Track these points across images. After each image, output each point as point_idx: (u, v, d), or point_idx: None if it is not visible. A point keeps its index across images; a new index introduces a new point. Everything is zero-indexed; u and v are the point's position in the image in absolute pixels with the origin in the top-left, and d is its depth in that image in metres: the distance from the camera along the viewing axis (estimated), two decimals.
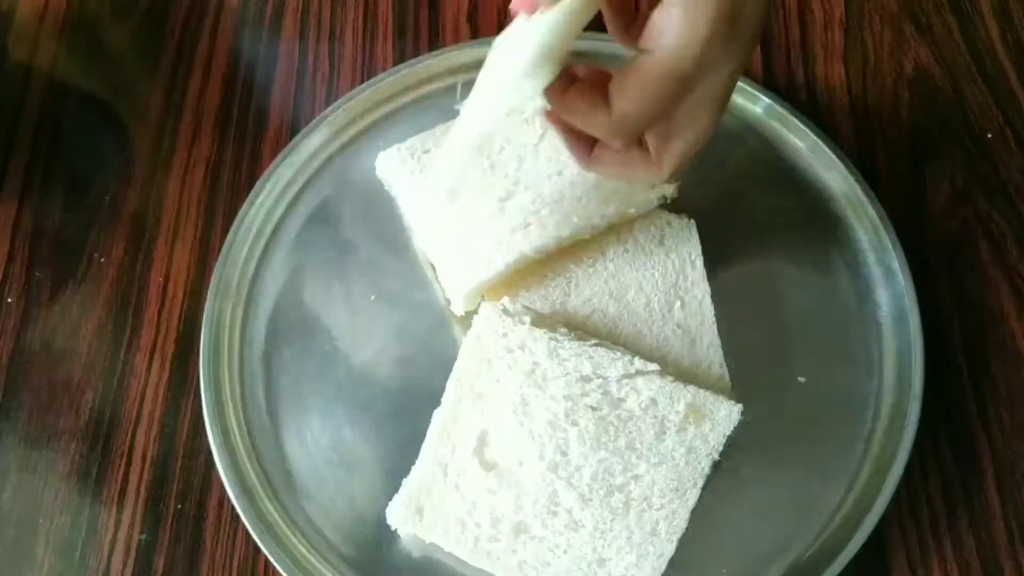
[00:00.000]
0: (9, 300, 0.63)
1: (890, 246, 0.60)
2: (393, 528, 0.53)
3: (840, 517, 0.54)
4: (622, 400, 0.54)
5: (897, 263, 0.59)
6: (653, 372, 0.54)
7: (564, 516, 0.52)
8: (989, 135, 0.67)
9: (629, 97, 0.41)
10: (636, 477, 0.53)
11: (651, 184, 0.58)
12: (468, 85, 0.46)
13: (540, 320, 0.56)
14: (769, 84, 0.69)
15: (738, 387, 0.57)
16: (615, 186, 0.58)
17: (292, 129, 0.68)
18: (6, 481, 0.58)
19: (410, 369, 0.59)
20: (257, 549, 0.54)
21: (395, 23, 0.73)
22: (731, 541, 0.54)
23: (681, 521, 0.52)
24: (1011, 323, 0.61)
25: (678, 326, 0.58)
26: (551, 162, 0.59)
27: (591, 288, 0.59)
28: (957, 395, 0.59)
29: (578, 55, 0.61)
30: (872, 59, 0.70)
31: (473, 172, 0.58)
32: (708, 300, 0.58)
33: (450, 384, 0.55)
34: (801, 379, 0.58)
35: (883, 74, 0.70)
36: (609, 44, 0.60)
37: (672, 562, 0.52)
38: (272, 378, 0.59)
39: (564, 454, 0.53)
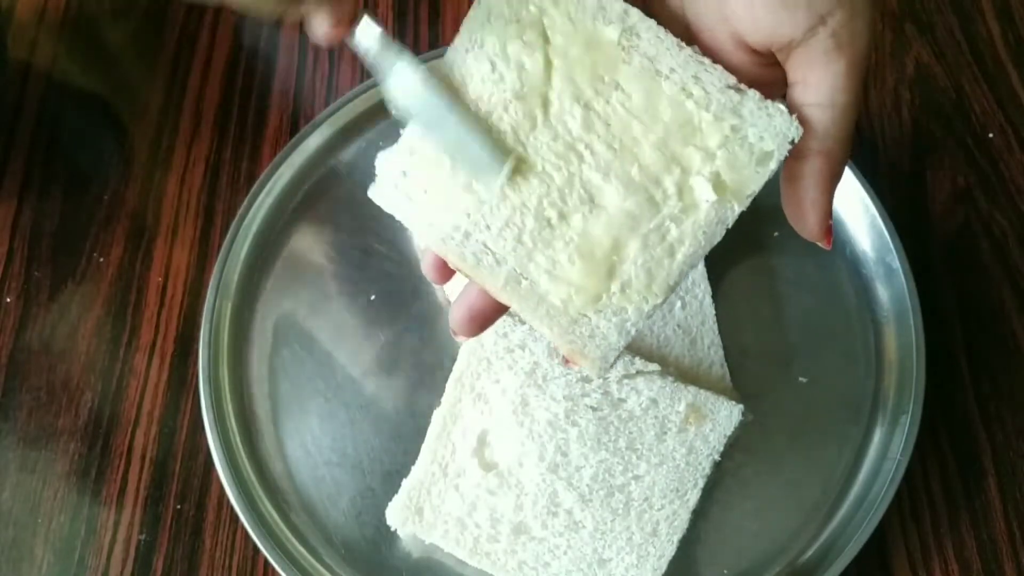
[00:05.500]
0: (8, 299, 0.63)
1: (891, 245, 0.59)
2: (393, 528, 0.53)
3: (841, 517, 0.54)
4: (622, 400, 0.53)
5: (898, 262, 0.59)
6: (654, 372, 0.54)
7: (564, 517, 0.52)
8: (990, 134, 0.67)
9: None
10: (637, 477, 0.52)
11: None
12: None
13: None
14: None
15: (739, 387, 0.57)
16: None
17: (292, 128, 0.68)
18: (5, 481, 0.57)
19: (410, 369, 0.59)
20: (256, 549, 0.54)
21: (395, 21, 0.73)
22: (732, 541, 0.54)
23: (682, 522, 0.52)
24: (1012, 322, 0.61)
25: (679, 326, 0.58)
26: None
27: None
28: (958, 395, 0.59)
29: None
30: (873, 58, 0.70)
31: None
32: (709, 300, 0.58)
33: (450, 384, 0.55)
34: (802, 379, 0.58)
35: (884, 73, 0.70)
36: None
37: (673, 563, 0.52)
38: (271, 378, 0.59)
39: (564, 454, 0.53)
